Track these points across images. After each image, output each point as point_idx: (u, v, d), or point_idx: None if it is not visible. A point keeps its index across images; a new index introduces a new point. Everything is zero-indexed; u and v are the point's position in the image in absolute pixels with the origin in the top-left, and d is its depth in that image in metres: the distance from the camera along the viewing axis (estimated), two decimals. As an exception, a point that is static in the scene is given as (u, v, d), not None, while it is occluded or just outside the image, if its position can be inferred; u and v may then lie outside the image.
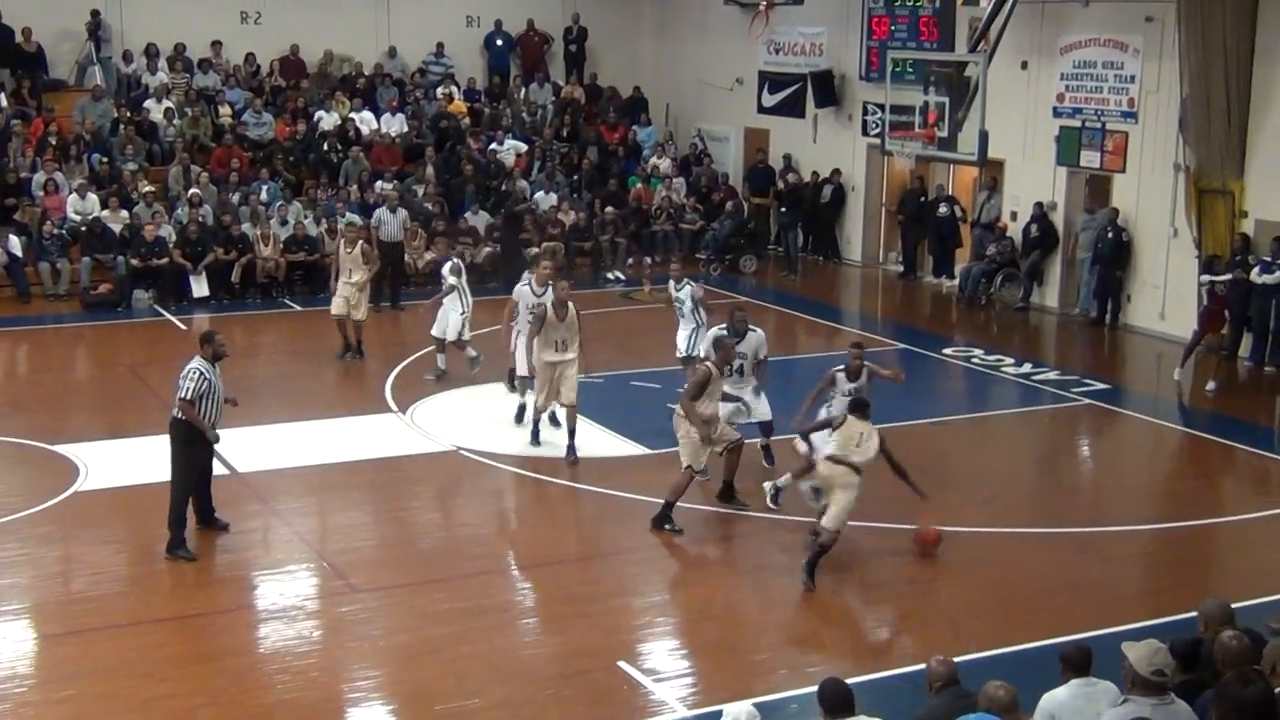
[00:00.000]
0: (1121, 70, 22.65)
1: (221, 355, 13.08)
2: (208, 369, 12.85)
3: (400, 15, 31.08)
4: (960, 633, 11.61)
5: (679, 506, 13.83)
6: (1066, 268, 24.22)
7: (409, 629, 11.71)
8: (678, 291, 17.54)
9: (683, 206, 29.13)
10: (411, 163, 28.42)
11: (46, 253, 24.04)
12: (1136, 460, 17.51)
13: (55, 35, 28.28)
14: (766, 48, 29.86)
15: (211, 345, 12.99)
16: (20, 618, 11.84)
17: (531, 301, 16.52)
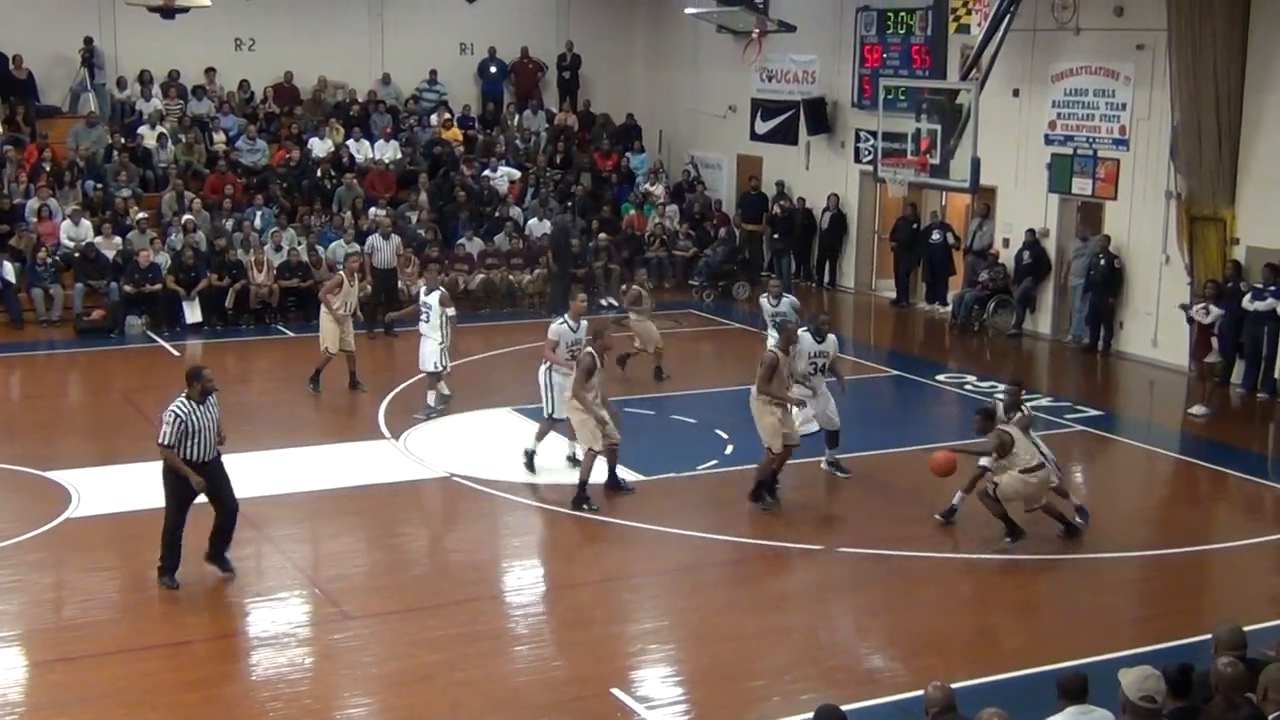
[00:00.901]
0: (1113, 98, 22.74)
1: (210, 391, 12.56)
2: (188, 409, 12.38)
3: (394, 42, 31.17)
4: (954, 659, 11.58)
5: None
6: (1059, 294, 24.27)
7: (402, 656, 11.67)
8: (776, 306, 18.42)
9: (676, 233, 29.17)
10: (405, 189, 28.46)
11: (40, 279, 24.02)
12: (1130, 487, 17.50)
13: (49, 62, 28.33)
14: (759, 75, 29.97)
15: (200, 382, 12.53)
16: (11, 645, 11.79)
17: (570, 339, 16.17)
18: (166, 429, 12.38)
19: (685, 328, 25.10)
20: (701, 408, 19.16)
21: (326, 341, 19.53)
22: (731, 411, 19.06)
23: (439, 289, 18.88)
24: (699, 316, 26.11)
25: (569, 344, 16.18)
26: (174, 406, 12.44)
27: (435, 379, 18.49)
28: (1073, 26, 23.18)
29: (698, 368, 22.81)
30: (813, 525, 15.22)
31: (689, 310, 26.55)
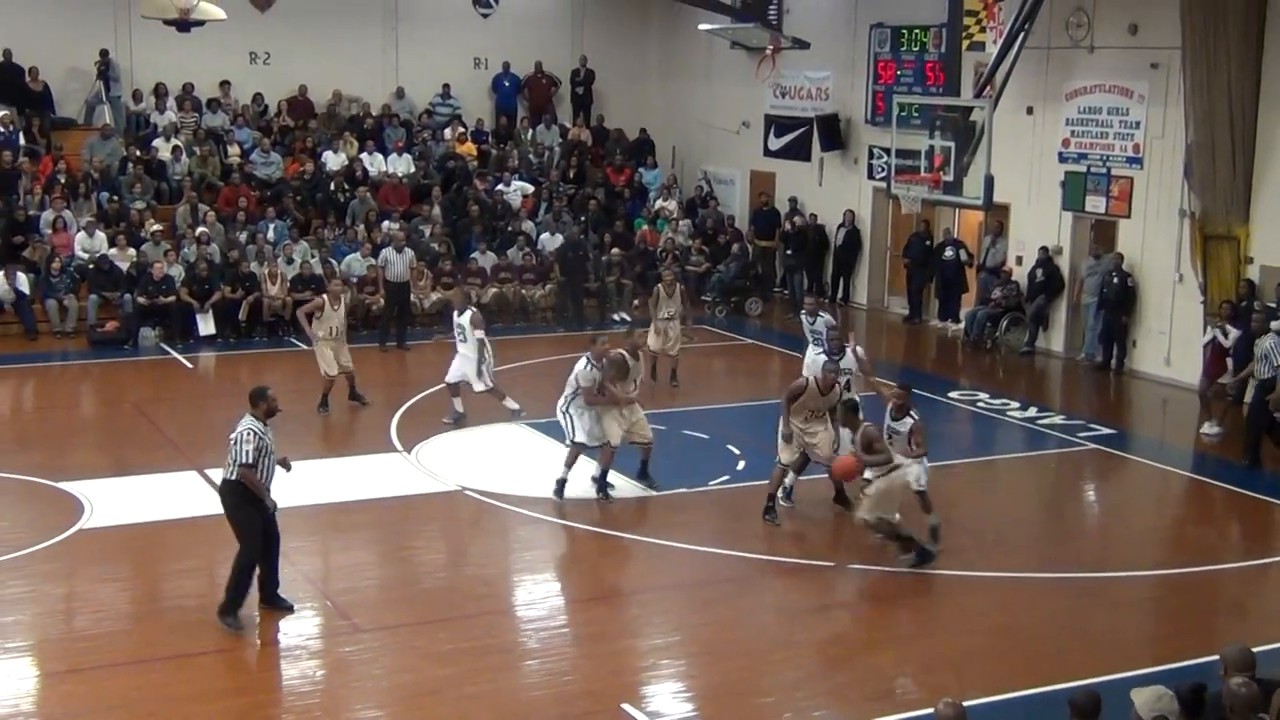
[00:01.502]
0: (1127, 116, 22.73)
1: (275, 411, 12.41)
2: (260, 428, 12.19)
3: (408, 57, 31.25)
4: (966, 677, 11.55)
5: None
6: (1072, 312, 24.23)
7: (412, 669, 11.67)
8: (812, 324, 18.68)
9: (688, 248, 29.18)
10: (418, 203, 28.52)
11: (54, 290, 24.09)
12: (1142, 505, 17.46)
13: (65, 74, 28.45)
14: (773, 91, 30.01)
15: (266, 402, 12.32)
16: (23, 655, 11.82)
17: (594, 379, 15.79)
18: (247, 447, 12.01)
19: (697, 343, 25.07)
20: (714, 423, 19.16)
21: (324, 365, 19.27)
22: (743, 427, 19.11)
23: (470, 309, 18.89)
24: (711, 332, 26.09)
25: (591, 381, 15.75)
26: (249, 425, 12.12)
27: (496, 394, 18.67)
28: (1087, 44, 23.20)
29: (710, 383, 22.80)
30: (824, 541, 15.20)
31: (701, 326, 26.51)
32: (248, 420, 12.19)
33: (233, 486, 12.15)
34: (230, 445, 12.10)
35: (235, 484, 12.11)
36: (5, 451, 17.63)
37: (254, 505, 12.19)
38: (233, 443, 12.08)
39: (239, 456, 12.00)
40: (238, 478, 12.06)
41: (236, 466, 12.04)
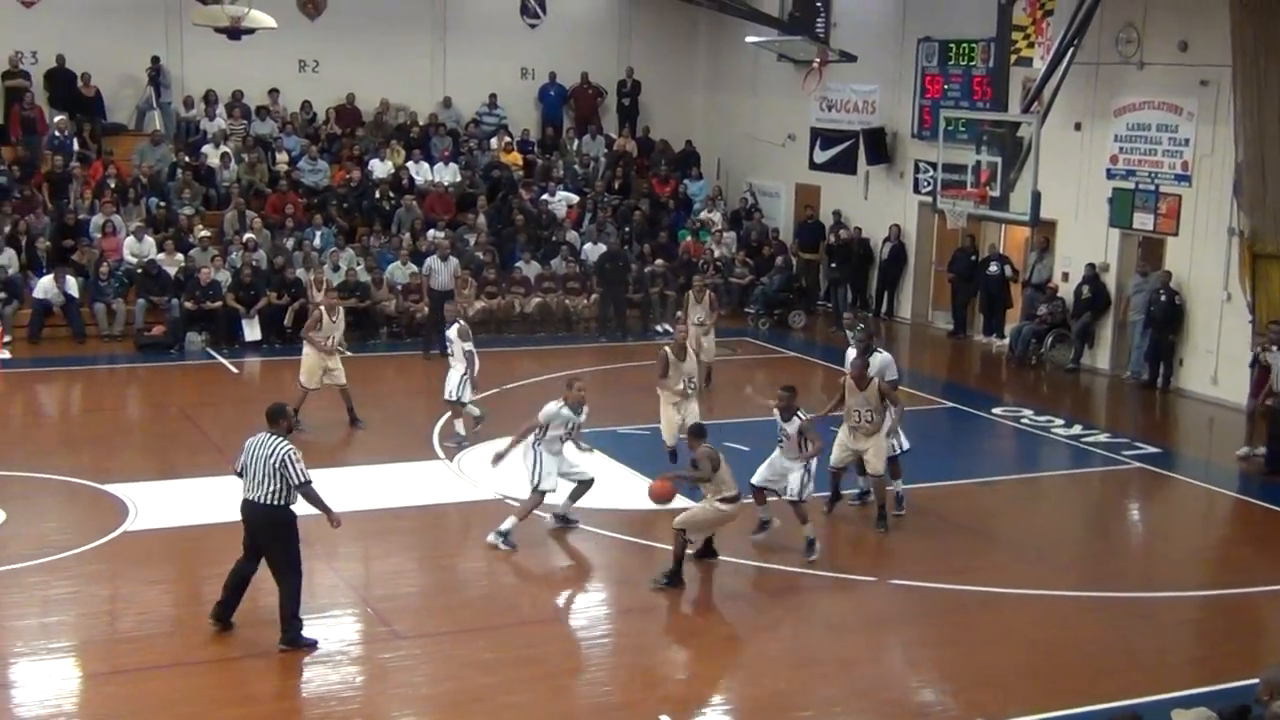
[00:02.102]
0: (1176, 133, 22.59)
1: (294, 429, 12.19)
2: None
3: (455, 66, 31.38)
4: (1007, 695, 11.49)
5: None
6: (1118, 330, 24.08)
7: (452, 677, 11.70)
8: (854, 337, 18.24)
9: (732, 260, 29.17)
10: (464, 212, 28.61)
11: (102, 294, 24.31)
12: (1187, 525, 17.33)
13: (116, 80, 28.72)
14: (819, 104, 29.98)
15: (286, 420, 12.16)
16: (67, 656, 11.91)
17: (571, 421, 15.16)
18: (300, 465, 11.69)
19: (740, 355, 25.07)
20: (755, 436, 19.06)
21: (304, 377, 19.03)
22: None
23: (457, 322, 18.76)
24: (754, 344, 26.08)
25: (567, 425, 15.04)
26: (288, 444, 11.80)
27: (458, 408, 18.46)
28: (1136, 61, 23.07)
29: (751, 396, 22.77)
30: (865, 557, 15.16)
31: (744, 338, 26.52)
32: (282, 439, 11.86)
33: (269, 511, 11.75)
34: (258, 463, 11.74)
35: (274, 508, 11.74)
36: (52, 453, 17.78)
37: (293, 529, 11.92)
38: (268, 461, 11.67)
39: (295, 476, 11.64)
40: (289, 499, 11.72)
41: (289, 488, 11.67)
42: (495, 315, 26.07)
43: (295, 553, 11.98)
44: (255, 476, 11.73)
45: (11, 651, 11.88)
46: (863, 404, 15.30)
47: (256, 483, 11.74)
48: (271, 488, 11.70)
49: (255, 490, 11.76)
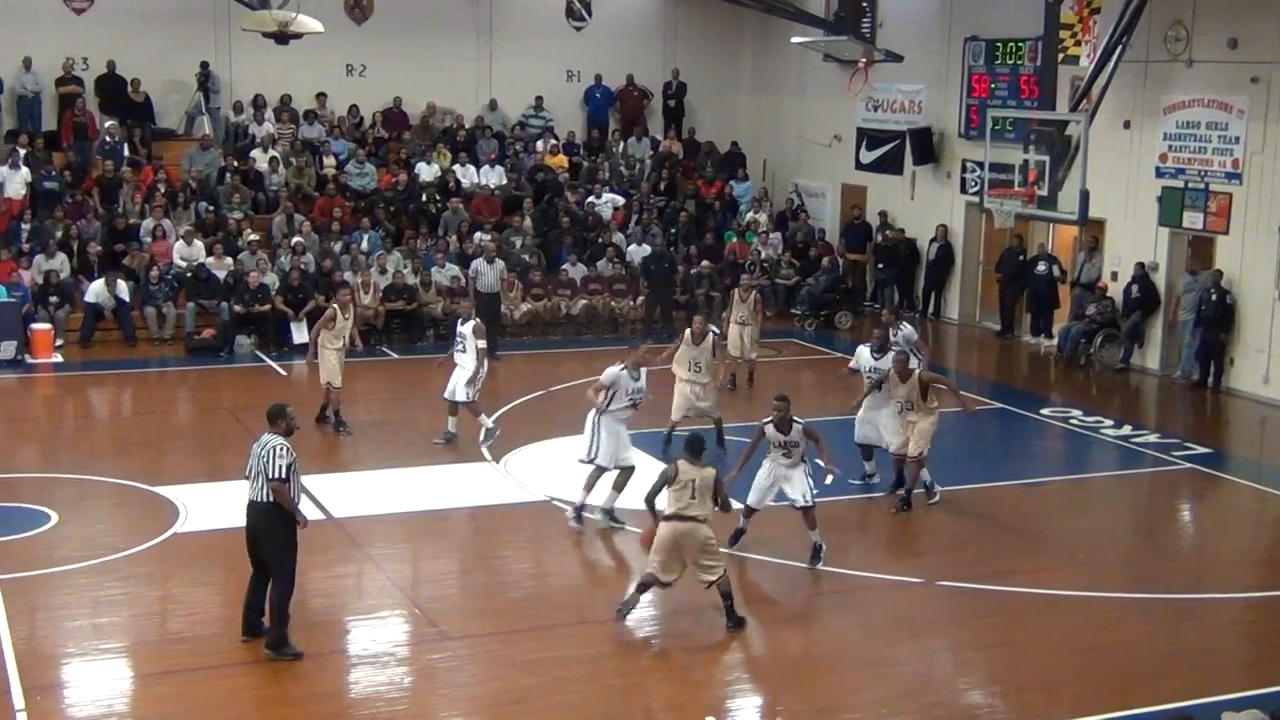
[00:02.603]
0: (1226, 131, 22.40)
1: (293, 430, 12.12)
2: (290, 446, 11.87)
3: (501, 69, 31.47)
4: (1056, 697, 11.43)
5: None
6: (1168, 329, 23.89)
7: (499, 677, 11.73)
8: (894, 336, 18.32)
9: (778, 261, 29.12)
10: (510, 214, 28.68)
11: (153, 298, 24.51)
12: (1239, 527, 17.17)
13: (166, 86, 28.96)
14: (865, 104, 29.90)
15: (285, 420, 12.02)
16: (119, 656, 12.03)
17: (631, 387, 15.51)
18: (280, 461, 11.61)
19: (786, 356, 25.03)
20: (802, 437, 19.06)
21: (326, 374, 19.01)
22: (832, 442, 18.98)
23: (473, 319, 18.62)
24: (800, 346, 26.02)
25: (628, 391, 15.42)
26: (281, 441, 11.78)
27: (473, 409, 18.40)
28: (1185, 58, 22.89)
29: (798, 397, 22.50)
30: (913, 558, 15.11)
31: (790, 339, 26.48)
32: (275, 437, 11.80)
33: (265, 508, 11.71)
34: (255, 461, 11.71)
35: (269, 505, 11.68)
36: (103, 456, 17.97)
37: (288, 528, 11.81)
38: (260, 458, 11.66)
39: (270, 471, 11.57)
40: (269, 496, 11.65)
41: (265, 482, 11.62)
42: (541, 317, 26.14)
43: (291, 558, 11.86)
44: (256, 476, 11.73)
45: (64, 652, 12.02)
46: (906, 393, 15.92)
47: (254, 482, 11.73)
48: (264, 486, 11.67)
49: (254, 489, 11.74)
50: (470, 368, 18.26)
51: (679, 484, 12.46)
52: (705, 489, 12.42)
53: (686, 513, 12.38)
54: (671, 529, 12.46)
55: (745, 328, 21.56)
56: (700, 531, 12.39)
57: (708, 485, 12.44)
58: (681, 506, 12.40)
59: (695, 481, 12.42)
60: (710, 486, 12.46)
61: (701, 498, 12.39)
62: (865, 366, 16.94)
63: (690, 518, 12.37)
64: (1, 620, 12.39)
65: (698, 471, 12.50)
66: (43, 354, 22.94)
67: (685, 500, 12.39)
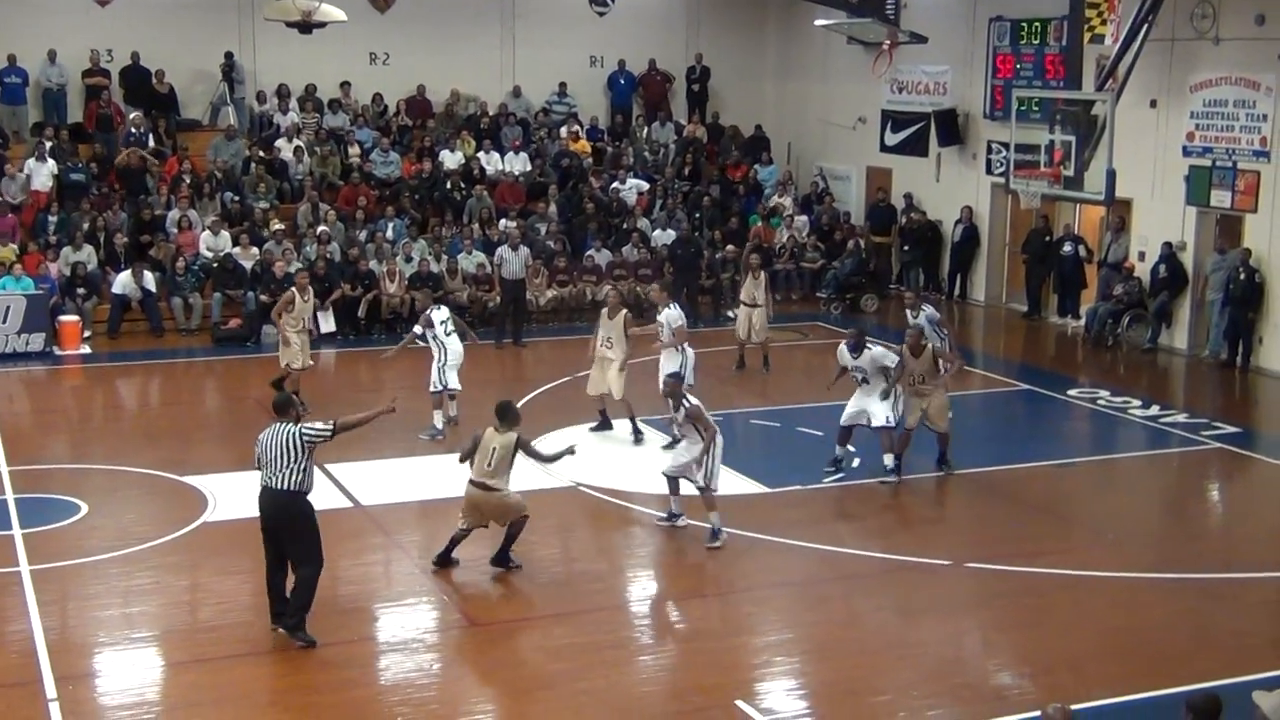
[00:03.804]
0: (1253, 109, 22.24)
1: (301, 418, 12.24)
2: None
3: (525, 56, 31.46)
4: (1085, 678, 11.40)
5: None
6: (1196, 309, 23.76)
7: (527, 663, 11.77)
8: (914, 319, 18.45)
9: (804, 245, 29.06)
10: (534, 201, 28.70)
11: (179, 288, 24.61)
12: (1269, 505, 17.07)
13: (190, 76, 29.07)
14: (889, 86, 29.79)
15: (294, 409, 12.26)
16: (149, 645, 12.10)
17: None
18: (315, 425, 11.86)
19: (811, 340, 24.99)
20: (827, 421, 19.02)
21: (288, 358, 19.22)
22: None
23: (436, 307, 18.66)
24: (826, 329, 25.97)
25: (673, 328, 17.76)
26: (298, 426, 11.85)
27: (438, 399, 18.36)
28: (1212, 36, 22.73)
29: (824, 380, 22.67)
30: (940, 540, 15.07)
31: (816, 322, 26.44)
32: (288, 425, 11.82)
33: (284, 497, 11.73)
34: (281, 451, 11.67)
35: (289, 494, 11.71)
36: (132, 446, 18.05)
37: (309, 514, 11.88)
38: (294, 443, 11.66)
39: (320, 434, 11.74)
40: (306, 485, 11.75)
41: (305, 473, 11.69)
42: (567, 303, 26.16)
43: (315, 542, 11.92)
44: (273, 464, 11.72)
45: (95, 641, 12.10)
46: (921, 368, 16.14)
47: (274, 470, 11.72)
48: (289, 473, 11.68)
49: (273, 478, 11.73)
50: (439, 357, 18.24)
51: (481, 450, 13.01)
52: (504, 457, 12.92)
53: (477, 478, 13.03)
54: (468, 493, 13.17)
55: (755, 309, 21.52)
56: (493, 498, 13.00)
57: (507, 451, 12.91)
58: (477, 473, 13.03)
59: (495, 449, 12.92)
60: (510, 453, 12.92)
61: (498, 466, 12.90)
62: (848, 364, 16.60)
63: (481, 485, 13.01)
64: (33, 610, 12.49)
65: (499, 438, 12.98)
66: (71, 346, 23.07)
67: (482, 468, 12.98)
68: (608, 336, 17.93)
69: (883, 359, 16.30)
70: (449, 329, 18.39)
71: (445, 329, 18.32)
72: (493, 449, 12.94)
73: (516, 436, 13.07)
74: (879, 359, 16.31)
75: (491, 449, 12.94)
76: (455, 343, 18.42)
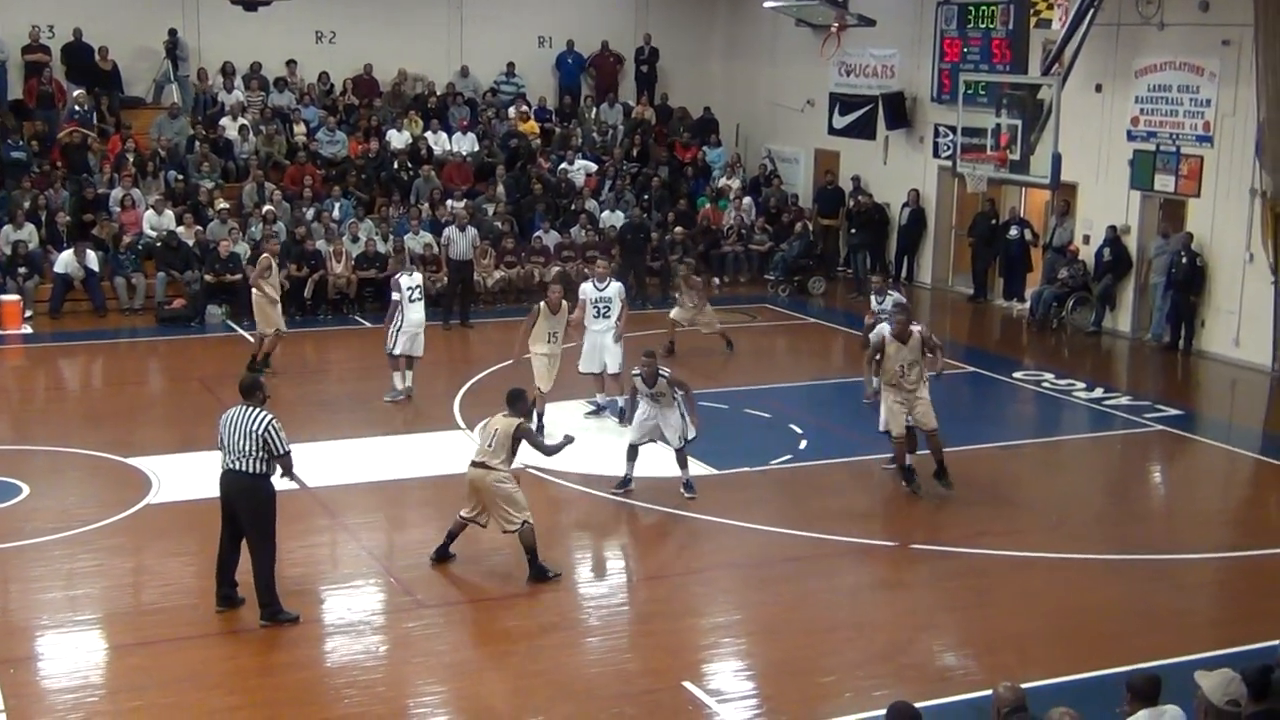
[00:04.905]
0: (1197, 94, 22.43)
1: (266, 400, 12.14)
2: None
3: (472, 36, 31.30)
4: (1028, 658, 11.51)
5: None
6: (1139, 292, 23.98)
7: (474, 645, 11.77)
8: (880, 304, 18.48)
9: (752, 227, 29.10)
10: (482, 181, 28.59)
11: (122, 268, 24.39)
12: (1210, 487, 17.28)
13: (133, 54, 28.70)
14: (837, 69, 29.84)
15: (260, 391, 12.07)
16: (93, 628, 12.00)
17: (594, 296, 18.21)
18: (283, 435, 11.77)
19: (759, 322, 25.05)
20: (776, 402, 19.12)
21: (276, 324, 20.18)
22: (806, 406, 19.09)
23: (408, 272, 19.36)
24: (774, 311, 26.05)
25: (592, 300, 18.15)
26: (267, 414, 11.80)
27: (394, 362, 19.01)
28: (1157, 21, 22.88)
29: (772, 362, 22.78)
30: (887, 522, 15.17)
31: (764, 305, 26.50)
32: (256, 410, 11.79)
33: (248, 479, 11.76)
34: (237, 433, 11.69)
35: (253, 477, 11.74)
36: (74, 428, 17.90)
37: (271, 499, 11.91)
38: (250, 433, 11.64)
39: (278, 446, 11.68)
40: (270, 469, 11.77)
41: (271, 457, 11.71)
42: (515, 284, 26.08)
43: (272, 526, 11.94)
44: (238, 447, 11.70)
45: (37, 624, 11.98)
46: (908, 356, 15.11)
47: (240, 453, 11.70)
48: (254, 457, 11.69)
49: (238, 461, 11.73)
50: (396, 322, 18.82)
51: (483, 432, 13.26)
52: (504, 440, 12.86)
53: (477, 458, 12.95)
54: (468, 475, 13.08)
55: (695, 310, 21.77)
56: (490, 477, 12.84)
57: (507, 435, 12.88)
58: (477, 454, 13.02)
59: (496, 431, 12.93)
60: (509, 437, 12.88)
61: (498, 447, 12.84)
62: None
63: (480, 464, 12.89)
64: (-26, 593, 12.38)
65: (502, 422, 13.00)
66: (11, 325, 22.81)
67: (482, 448, 12.97)
68: (553, 332, 17.71)
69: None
70: (414, 296, 18.82)
71: (410, 295, 18.77)
72: (494, 430, 12.95)
73: (519, 423, 13.02)
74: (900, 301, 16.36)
75: (493, 431, 12.97)
76: (416, 310, 18.83)
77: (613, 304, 18.25)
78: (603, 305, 18.24)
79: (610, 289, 18.37)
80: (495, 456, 12.84)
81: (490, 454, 12.86)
